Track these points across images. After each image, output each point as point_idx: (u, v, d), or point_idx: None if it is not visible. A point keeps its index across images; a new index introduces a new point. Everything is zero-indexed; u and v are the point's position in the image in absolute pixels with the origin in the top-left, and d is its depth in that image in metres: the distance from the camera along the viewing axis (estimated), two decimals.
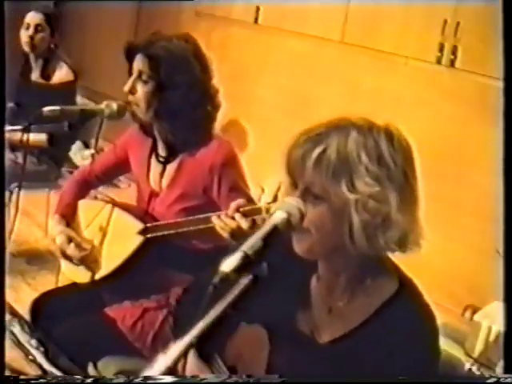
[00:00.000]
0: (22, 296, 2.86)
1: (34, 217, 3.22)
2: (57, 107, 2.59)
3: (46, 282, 3.62)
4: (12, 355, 1.62)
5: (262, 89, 5.54)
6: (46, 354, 1.64)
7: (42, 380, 1.40)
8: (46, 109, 2.58)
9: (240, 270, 1.40)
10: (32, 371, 1.64)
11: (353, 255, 1.62)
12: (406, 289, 1.68)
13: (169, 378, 1.39)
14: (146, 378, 1.39)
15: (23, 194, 4.32)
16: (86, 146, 4.34)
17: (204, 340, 1.86)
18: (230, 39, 5.93)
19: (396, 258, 1.70)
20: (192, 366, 1.75)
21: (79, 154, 5.02)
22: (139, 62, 2.56)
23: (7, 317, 1.64)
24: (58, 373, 1.61)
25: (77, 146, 4.67)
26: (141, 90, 2.57)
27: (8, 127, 2.71)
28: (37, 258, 4.30)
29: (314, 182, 1.58)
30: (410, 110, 4.49)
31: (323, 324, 1.72)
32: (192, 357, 1.77)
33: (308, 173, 1.58)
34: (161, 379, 1.42)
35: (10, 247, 4.45)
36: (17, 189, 4.13)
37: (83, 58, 6.45)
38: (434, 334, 1.65)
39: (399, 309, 1.65)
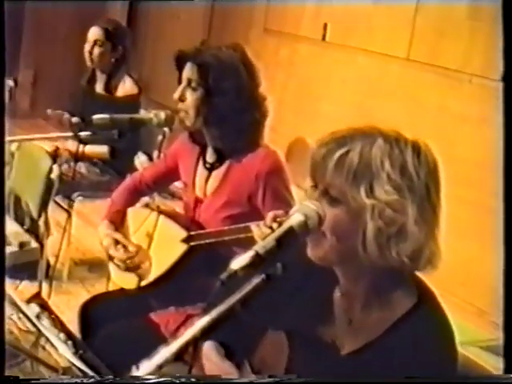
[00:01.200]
0: (79, 301, 2.93)
1: (97, 226, 3.30)
2: (106, 115, 2.66)
3: (104, 289, 3.69)
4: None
5: (327, 105, 5.57)
6: (74, 348, 1.69)
7: (42, 380, 1.44)
8: (96, 117, 2.66)
9: (250, 268, 1.42)
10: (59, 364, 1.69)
11: (366, 265, 1.60)
12: (424, 303, 1.65)
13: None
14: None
15: (87, 204, 4.46)
16: (150, 157, 4.42)
17: (235, 346, 1.90)
18: (298, 56, 5.98)
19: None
20: (211, 360, 1.79)
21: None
22: (188, 70, 2.62)
23: (36, 309, 1.71)
24: (82, 366, 1.66)
25: (141, 157, 4.76)
26: (190, 97, 2.62)
27: (61, 134, 2.81)
28: (98, 266, 4.39)
29: (333, 184, 1.58)
30: (474, 127, 4.46)
31: (344, 335, 1.72)
32: (211, 350, 1.81)
33: (328, 173, 1.58)
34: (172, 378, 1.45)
35: (73, 255, 4.57)
36: (80, 197, 4.29)
37: (153, 72, 6.62)
38: (451, 347, 1.63)
39: (417, 323, 1.63)
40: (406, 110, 4.90)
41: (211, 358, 1.83)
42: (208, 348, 1.86)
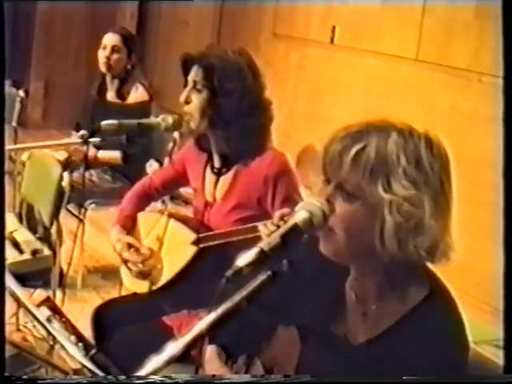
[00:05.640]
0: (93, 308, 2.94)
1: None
2: (115, 121, 2.67)
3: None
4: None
5: (337, 109, 5.57)
6: (85, 350, 1.70)
7: (43, 380, 1.45)
8: (104, 122, 2.67)
9: (256, 264, 1.43)
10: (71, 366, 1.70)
11: (382, 259, 1.61)
12: (435, 294, 1.66)
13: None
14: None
15: (100, 212, 4.48)
16: (161, 165, 4.44)
17: (246, 344, 1.90)
18: (307, 60, 5.99)
19: None
20: (212, 364, 1.80)
21: None
22: (194, 73, 2.64)
23: (47, 313, 1.72)
24: (93, 367, 1.67)
25: (153, 164, 4.79)
26: (195, 99, 2.63)
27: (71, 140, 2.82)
28: (112, 274, 4.39)
29: (348, 179, 1.59)
30: (485, 126, 4.45)
31: (357, 327, 1.72)
32: (213, 355, 1.82)
33: (344, 169, 1.58)
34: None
35: (87, 263, 4.59)
36: (92, 205, 4.30)
37: (164, 79, 6.64)
38: (461, 339, 1.63)
39: (428, 314, 1.63)
40: (416, 110, 4.89)
41: (212, 361, 1.85)
42: (210, 352, 1.88)
